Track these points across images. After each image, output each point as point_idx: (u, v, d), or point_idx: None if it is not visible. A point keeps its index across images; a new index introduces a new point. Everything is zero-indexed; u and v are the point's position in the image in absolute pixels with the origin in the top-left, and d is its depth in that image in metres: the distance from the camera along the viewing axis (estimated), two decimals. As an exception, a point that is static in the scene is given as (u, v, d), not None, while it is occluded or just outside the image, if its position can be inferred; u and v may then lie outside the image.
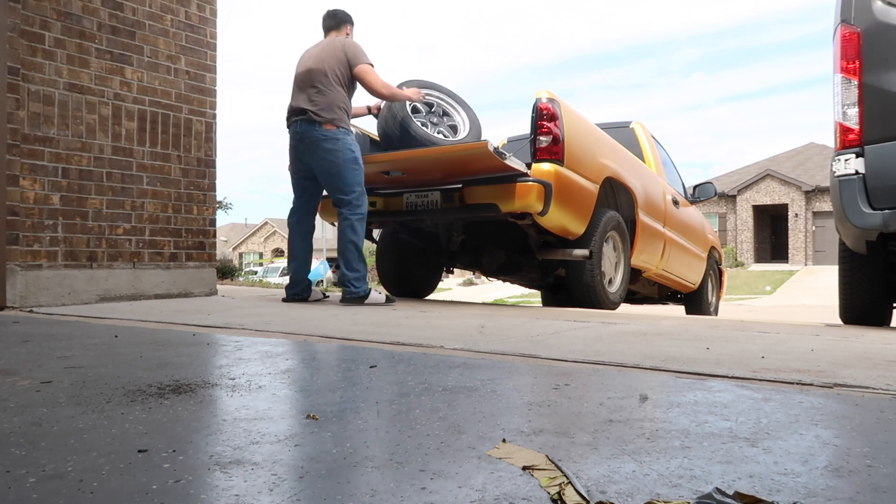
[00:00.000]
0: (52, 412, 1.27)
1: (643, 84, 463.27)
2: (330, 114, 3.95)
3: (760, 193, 33.19)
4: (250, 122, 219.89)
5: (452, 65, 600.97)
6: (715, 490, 0.83)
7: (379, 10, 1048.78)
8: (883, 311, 3.68)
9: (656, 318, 3.42)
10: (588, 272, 4.23)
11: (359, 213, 3.98)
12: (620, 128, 5.68)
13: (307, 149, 4.00)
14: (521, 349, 2.11)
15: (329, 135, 3.94)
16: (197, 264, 4.47)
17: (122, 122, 4.06)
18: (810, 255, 32.16)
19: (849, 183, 3.15)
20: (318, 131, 3.94)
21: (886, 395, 1.48)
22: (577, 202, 4.16)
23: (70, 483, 0.88)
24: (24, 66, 3.59)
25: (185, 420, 1.22)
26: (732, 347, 2.21)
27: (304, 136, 3.99)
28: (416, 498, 0.83)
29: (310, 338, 2.42)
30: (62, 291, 3.72)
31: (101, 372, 1.69)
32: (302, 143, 4.01)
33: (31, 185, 3.62)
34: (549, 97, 3.99)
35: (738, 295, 21.21)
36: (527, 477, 0.91)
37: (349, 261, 4.00)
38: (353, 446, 1.05)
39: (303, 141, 4.00)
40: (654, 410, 1.32)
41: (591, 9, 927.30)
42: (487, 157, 3.77)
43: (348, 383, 1.56)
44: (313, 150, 3.97)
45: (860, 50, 3.14)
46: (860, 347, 2.29)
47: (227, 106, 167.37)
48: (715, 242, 7.22)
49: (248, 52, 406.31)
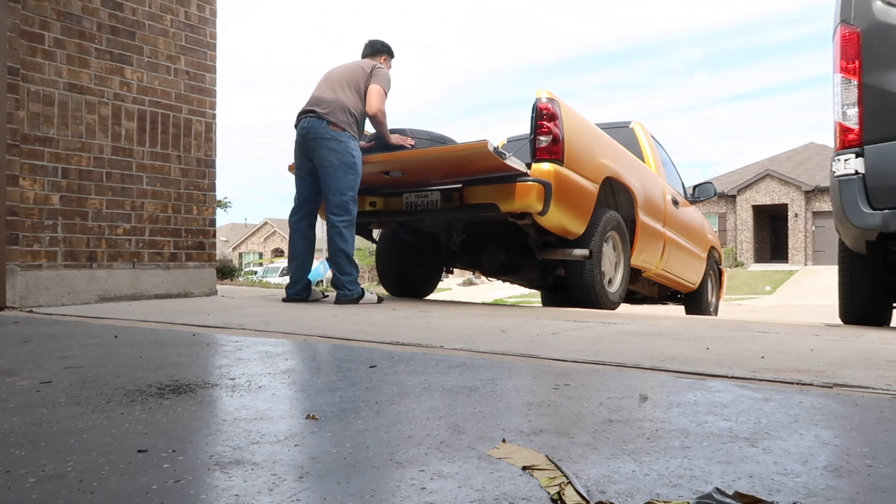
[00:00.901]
0: (52, 412, 1.27)
1: (643, 84, 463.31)
2: (339, 115, 4.01)
3: (760, 193, 33.19)
4: (250, 122, 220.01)
5: (452, 65, 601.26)
6: (715, 490, 0.83)
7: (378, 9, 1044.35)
8: (883, 311, 3.68)
9: (656, 318, 3.42)
10: (588, 272, 4.23)
11: (346, 219, 4.00)
12: (620, 128, 5.68)
13: (311, 144, 4.03)
14: (520, 349, 2.11)
15: (334, 135, 3.98)
16: (197, 264, 4.47)
17: (122, 122, 4.06)
18: (810, 255, 32.16)
19: (848, 183, 3.16)
20: (325, 129, 3.99)
21: (886, 395, 1.48)
22: (577, 202, 4.16)
23: (70, 483, 0.88)
24: (23, 66, 3.59)
25: (185, 420, 1.22)
26: (732, 347, 2.21)
27: (309, 132, 4.03)
28: (416, 498, 0.83)
29: (310, 338, 2.42)
30: (62, 291, 3.72)
31: (100, 372, 1.69)
32: (306, 138, 4.05)
33: (31, 186, 3.62)
34: (549, 97, 3.99)
35: (738, 295, 21.21)
36: (527, 477, 0.91)
37: (341, 266, 4.06)
38: (353, 446, 1.05)
39: (307, 136, 4.04)
40: (653, 410, 1.32)
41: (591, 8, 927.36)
42: (487, 156, 3.77)
43: (348, 383, 1.56)
44: (316, 146, 4.00)
45: (860, 50, 3.14)
46: (860, 347, 2.29)
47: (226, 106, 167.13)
48: (715, 242, 7.22)
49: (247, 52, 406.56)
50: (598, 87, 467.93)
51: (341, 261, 4.04)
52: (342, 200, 3.98)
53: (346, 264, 4.05)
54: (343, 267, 4.05)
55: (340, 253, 4.03)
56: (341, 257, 4.04)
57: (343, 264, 4.05)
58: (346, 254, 4.05)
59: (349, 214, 4.02)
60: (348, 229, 4.03)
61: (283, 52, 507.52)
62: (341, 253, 4.03)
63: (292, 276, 4.26)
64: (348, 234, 4.04)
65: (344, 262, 4.05)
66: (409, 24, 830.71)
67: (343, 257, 4.04)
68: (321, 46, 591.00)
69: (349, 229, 4.04)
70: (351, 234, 4.06)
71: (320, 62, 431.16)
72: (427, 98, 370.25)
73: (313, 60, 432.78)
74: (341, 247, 4.02)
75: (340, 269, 4.06)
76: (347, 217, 4.01)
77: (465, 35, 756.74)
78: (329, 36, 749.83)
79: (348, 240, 4.04)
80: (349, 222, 4.03)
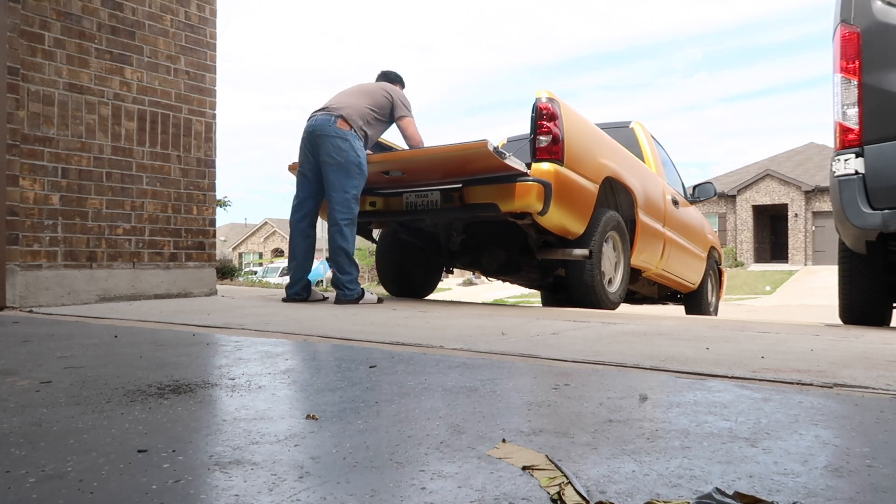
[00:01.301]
0: (52, 412, 1.27)
1: (643, 84, 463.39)
2: (349, 114, 4.04)
3: (760, 193, 33.19)
4: (250, 121, 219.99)
5: (452, 65, 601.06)
6: (715, 490, 0.83)
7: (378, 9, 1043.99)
8: (883, 311, 3.68)
9: (656, 318, 3.42)
10: (588, 272, 4.23)
11: (347, 217, 4.01)
12: (620, 128, 5.68)
13: (317, 141, 4.04)
14: (520, 349, 2.11)
15: (341, 133, 4.00)
16: (197, 264, 4.47)
17: (122, 122, 4.06)
18: (810, 255, 32.16)
19: (848, 183, 3.15)
20: (332, 127, 4.00)
21: (886, 395, 1.48)
22: (577, 202, 4.16)
23: (70, 483, 0.88)
24: (23, 66, 3.59)
25: (185, 420, 1.22)
26: (732, 347, 2.21)
27: (316, 128, 4.05)
28: (416, 498, 0.83)
29: (310, 338, 2.42)
30: (62, 291, 3.72)
31: (100, 372, 1.69)
32: (313, 134, 4.06)
33: (31, 186, 3.62)
34: (549, 97, 3.99)
35: (738, 295, 21.21)
36: (527, 477, 0.91)
37: (341, 265, 4.06)
38: (353, 446, 1.05)
39: (314, 133, 4.05)
40: (653, 410, 1.32)
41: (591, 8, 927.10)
42: (487, 156, 3.77)
43: (348, 383, 1.56)
44: (323, 143, 4.01)
45: (860, 50, 3.14)
46: (860, 347, 2.29)
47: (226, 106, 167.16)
48: (715, 242, 7.22)
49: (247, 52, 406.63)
50: (598, 87, 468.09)
51: (341, 259, 4.04)
52: (344, 198, 3.99)
53: (347, 263, 4.05)
54: (343, 266, 4.05)
55: (341, 251, 4.03)
56: (341, 256, 4.04)
57: (343, 263, 4.05)
58: (347, 252, 4.05)
59: (351, 213, 4.02)
60: (349, 228, 4.03)
61: (283, 52, 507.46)
62: (342, 251, 4.03)
63: (292, 276, 4.26)
64: (349, 232, 4.04)
65: (344, 261, 4.05)
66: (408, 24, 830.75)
67: (343, 256, 4.04)
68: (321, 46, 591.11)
69: (350, 228, 4.04)
70: (352, 232, 4.07)
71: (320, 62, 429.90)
72: (427, 98, 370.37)
73: (313, 60, 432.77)
74: (342, 245, 4.02)
75: (340, 268, 4.06)
76: (349, 216, 4.01)
77: (465, 35, 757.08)
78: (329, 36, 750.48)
79: (349, 238, 4.05)
80: (350, 221, 4.03)
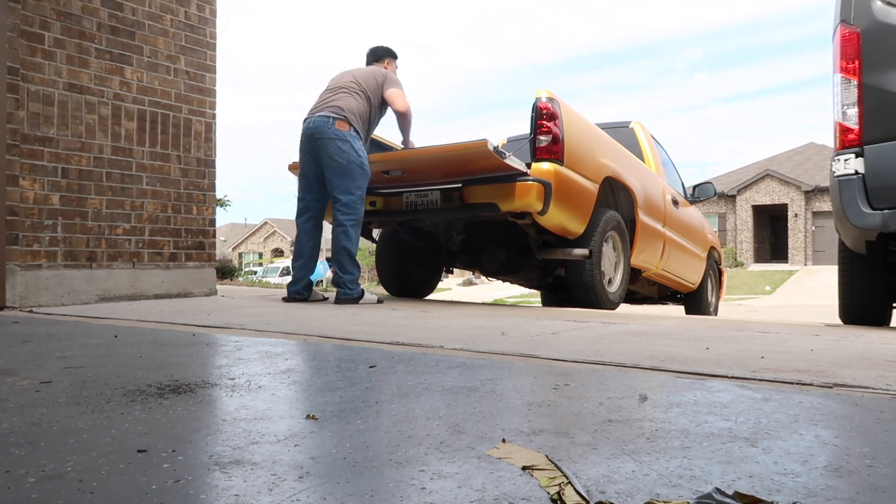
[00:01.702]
0: (52, 412, 1.27)
1: (644, 84, 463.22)
2: (346, 115, 4.03)
3: (760, 193, 33.19)
4: (249, 121, 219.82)
5: (451, 64, 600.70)
6: (715, 490, 0.83)
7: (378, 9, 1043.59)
8: (883, 311, 3.68)
9: (656, 318, 3.42)
10: (588, 272, 4.23)
11: (353, 218, 4.01)
12: (620, 128, 5.68)
13: (317, 145, 4.03)
14: (520, 349, 2.11)
15: (340, 134, 3.98)
16: (196, 264, 4.47)
17: (122, 122, 4.06)
18: (810, 255, 32.16)
19: (848, 183, 3.15)
20: (331, 129, 3.99)
21: (886, 395, 1.48)
22: (577, 202, 4.16)
23: (70, 483, 0.88)
24: (23, 66, 3.59)
25: (185, 420, 1.22)
26: (732, 347, 2.21)
27: (315, 132, 4.04)
28: (416, 498, 0.83)
29: (310, 338, 2.42)
30: (62, 291, 3.72)
31: (100, 372, 1.69)
32: (312, 138, 4.05)
33: (31, 185, 3.62)
34: (549, 97, 3.99)
35: (738, 295, 21.21)
36: (526, 477, 0.91)
37: (343, 265, 4.06)
38: (353, 446, 1.05)
39: (313, 136, 4.04)
40: (653, 410, 1.32)
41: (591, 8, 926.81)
42: (487, 156, 3.77)
43: (348, 383, 1.56)
44: (323, 145, 4.01)
45: (860, 50, 3.14)
46: (860, 347, 2.29)
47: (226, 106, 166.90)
48: (714, 242, 7.22)
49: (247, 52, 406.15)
50: (598, 87, 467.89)
51: (344, 259, 4.04)
52: (350, 200, 3.99)
53: (349, 263, 4.05)
54: (345, 266, 4.05)
55: (344, 251, 4.03)
56: (344, 256, 4.04)
57: (345, 263, 4.05)
58: (350, 253, 4.05)
59: (356, 214, 4.02)
60: (354, 228, 4.03)
61: (283, 52, 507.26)
62: (345, 252, 4.03)
63: (295, 275, 4.28)
64: (353, 233, 4.04)
65: (346, 260, 4.05)
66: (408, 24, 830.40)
67: (346, 256, 4.04)
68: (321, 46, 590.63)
69: (355, 229, 4.04)
70: (356, 233, 4.07)
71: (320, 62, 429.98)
72: (427, 98, 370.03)
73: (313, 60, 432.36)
74: (345, 245, 4.02)
75: (343, 267, 4.06)
76: (354, 217, 4.02)
77: (465, 35, 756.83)
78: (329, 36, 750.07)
79: (353, 239, 4.05)
80: (356, 222, 4.03)
